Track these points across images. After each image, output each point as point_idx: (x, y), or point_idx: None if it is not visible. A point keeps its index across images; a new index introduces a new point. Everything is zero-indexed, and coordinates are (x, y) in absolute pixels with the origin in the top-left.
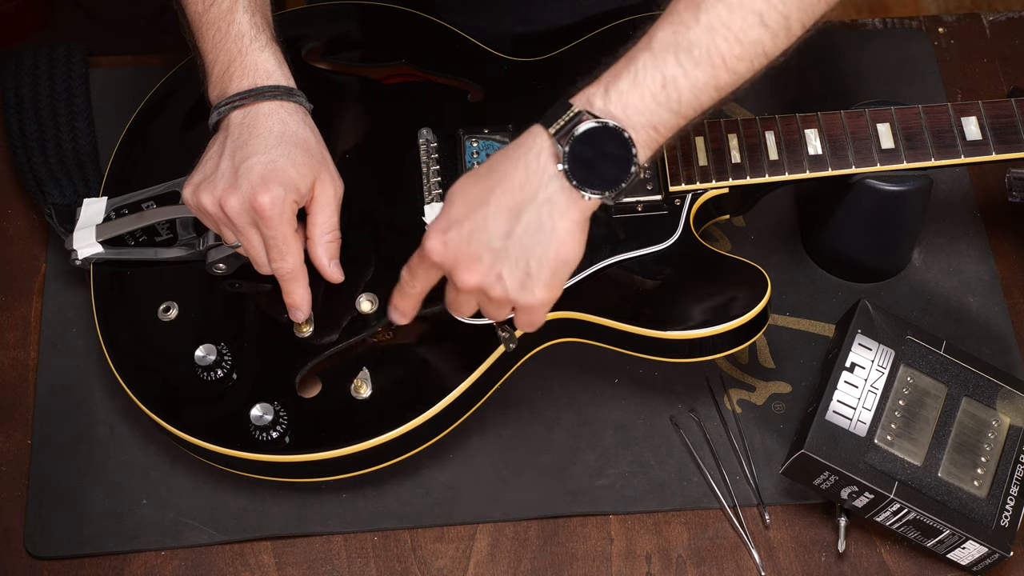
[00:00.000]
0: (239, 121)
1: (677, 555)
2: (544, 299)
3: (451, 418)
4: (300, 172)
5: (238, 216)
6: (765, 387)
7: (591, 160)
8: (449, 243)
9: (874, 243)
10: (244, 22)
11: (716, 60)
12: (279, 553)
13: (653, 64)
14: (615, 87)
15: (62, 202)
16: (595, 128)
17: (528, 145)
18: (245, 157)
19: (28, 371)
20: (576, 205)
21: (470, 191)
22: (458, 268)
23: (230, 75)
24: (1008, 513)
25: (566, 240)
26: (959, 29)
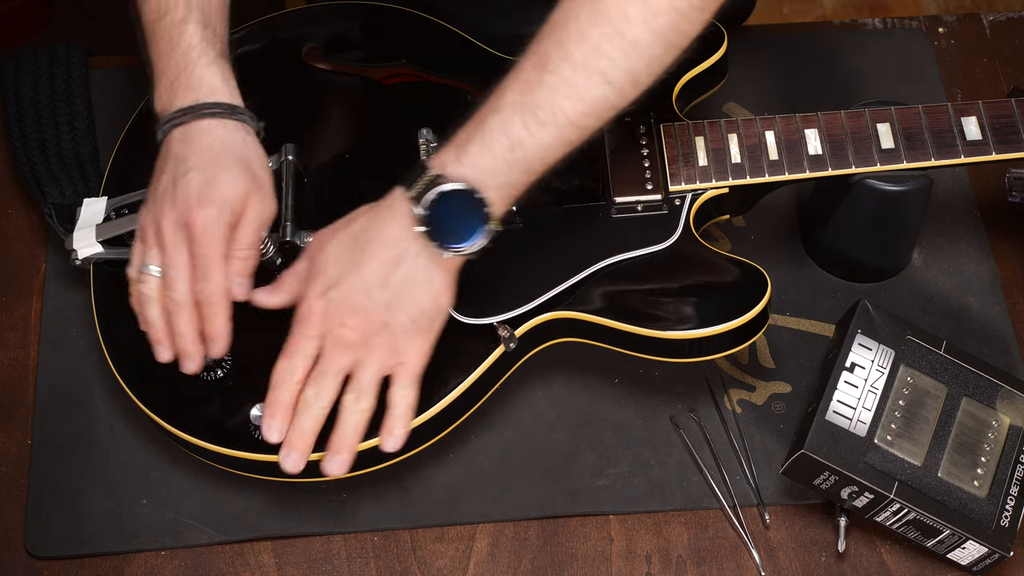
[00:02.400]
0: (179, 138)
1: (677, 555)
2: (425, 347)
3: (451, 418)
4: (235, 189)
5: (171, 233)
6: (765, 387)
7: (447, 221)
8: (331, 301)
9: (874, 243)
10: (195, 35)
11: (561, 120)
12: (279, 553)
13: (500, 127)
14: (466, 151)
15: (62, 202)
16: (449, 191)
17: (393, 207)
18: (183, 174)
19: (28, 371)
20: (440, 262)
21: (342, 254)
22: (343, 320)
23: (175, 89)
24: (1008, 513)
25: (442, 291)
26: (959, 29)
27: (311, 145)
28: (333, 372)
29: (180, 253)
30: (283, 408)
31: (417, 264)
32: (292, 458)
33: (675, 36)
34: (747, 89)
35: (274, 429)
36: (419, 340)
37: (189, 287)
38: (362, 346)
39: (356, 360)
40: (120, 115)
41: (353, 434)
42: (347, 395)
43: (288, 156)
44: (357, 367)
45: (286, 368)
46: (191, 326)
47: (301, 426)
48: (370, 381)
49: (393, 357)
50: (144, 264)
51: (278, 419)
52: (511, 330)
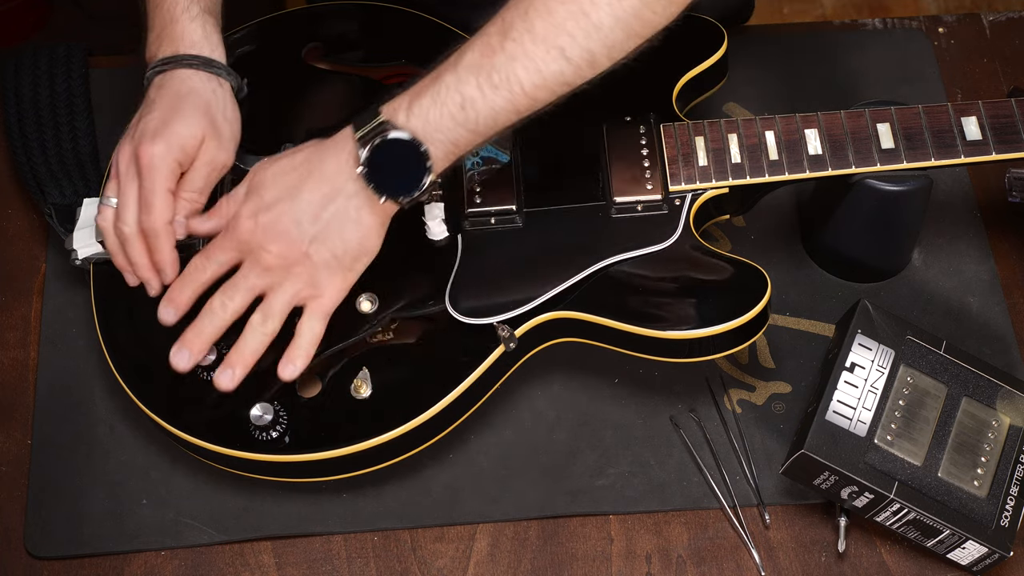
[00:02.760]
0: (157, 85)
1: (677, 555)
2: (343, 286)
3: (451, 418)
4: (189, 131)
5: (125, 166)
6: (765, 387)
7: (388, 168)
8: (260, 222)
9: (874, 243)
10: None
11: (515, 87)
12: (279, 553)
13: (455, 85)
14: (418, 103)
15: (62, 202)
16: (394, 140)
17: (340, 144)
18: (147, 114)
19: (28, 371)
20: (374, 206)
21: (281, 179)
22: (265, 244)
23: (160, 41)
24: (1008, 513)
25: (370, 233)
26: (959, 29)
27: None
28: (246, 288)
29: (131, 186)
30: (184, 298)
31: (350, 203)
32: (182, 356)
33: (638, 24)
34: (747, 89)
35: (169, 312)
36: (338, 277)
37: (137, 218)
38: (280, 272)
39: (271, 283)
40: (120, 115)
41: (251, 353)
42: (255, 314)
43: None
44: (270, 290)
45: (197, 266)
46: (142, 255)
47: (200, 328)
48: (280, 306)
49: (308, 289)
50: (106, 196)
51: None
52: (511, 330)
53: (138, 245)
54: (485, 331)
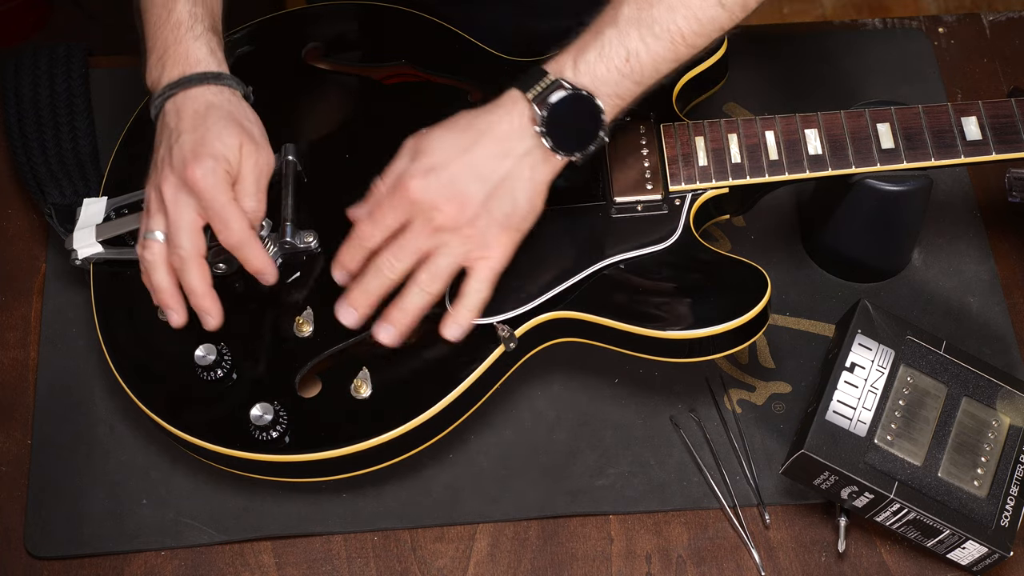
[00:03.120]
0: (171, 110)
1: (677, 555)
2: (510, 247)
3: (451, 418)
4: (226, 143)
5: (172, 195)
6: (765, 387)
7: (564, 125)
8: (434, 182)
9: (874, 243)
10: (183, 11)
11: (676, 36)
12: (279, 553)
13: (618, 39)
14: (583, 58)
15: (62, 202)
16: (569, 96)
17: (508, 107)
18: (176, 140)
19: (28, 371)
20: (549, 163)
21: (450, 141)
22: (439, 204)
23: (163, 63)
24: (1008, 513)
25: (541, 192)
26: (959, 29)
27: (311, 145)
28: (414, 249)
29: (185, 211)
30: (354, 264)
31: (524, 162)
32: (349, 313)
33: None
34: (747, 89)
35: (343, 274)
36: (507, 237)
37: (194, 242)
38: (451, 233)
39: (441, 243)
40: (120, 115)
41: (414, 310)
42: (422, 273)
43: (288, 156)
44: (438, 250)
45: (365, 233)
46: (201, 280)
47: (367, 285)
48: (448, 267)
49: (478, 250)
50: (149, 232)
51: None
52: (511, 330)
53: (197, 268)
54: (485, 331)
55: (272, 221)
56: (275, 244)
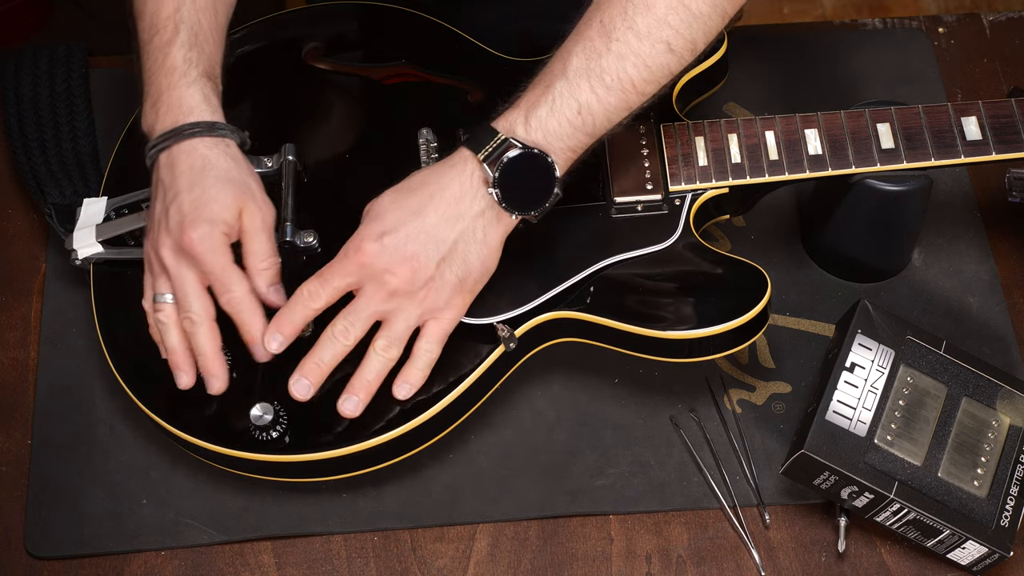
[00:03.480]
0: (164, 163)
1: (677, 555)
2: (462, 309)
3: (451, 418)
4: (223, 204)
5: (172, 259)
6: (765, 387)
7: (517, 184)
8: (386, 246)
9: (874, 243)
10: (179, 57)
11: (627, 85)
12: (279, 553)
13: (568, 92)
14: (534, 114)
15: (62, 202)
16: (521, 155)
17: (460, 167)
18: (172, 199)
19: (28, 371)
20: (503, 223)
21: (402, 205)
22: (391, 268)
23: (157, 109)
24: (1008, 513)
25: (493, 253)
26: (959, 29)
27: (311, 145)
28: (367, 315)
29: (186, 276)
30: (292, 326)
31: (477, 224)
32: (303, 384)
33: (731, 6)
34: (747, 89)
35: (276, 341)
36: (459, 299)
37: (203, 305)
38: (404, 296)
39: (394, 308)
40: (120, 115)
41: (375, 378)
42: (378, 339)
43: (288, 156)
44: (392, 315)
45: (313, 292)
46: (211, 342)
47: (320, 356)
48: (404, 331)
49: (430, 312)
50: (158, 294)
51: (284, 333)
52: (511, 330)
53: (207, 331)
54: (485, 331)
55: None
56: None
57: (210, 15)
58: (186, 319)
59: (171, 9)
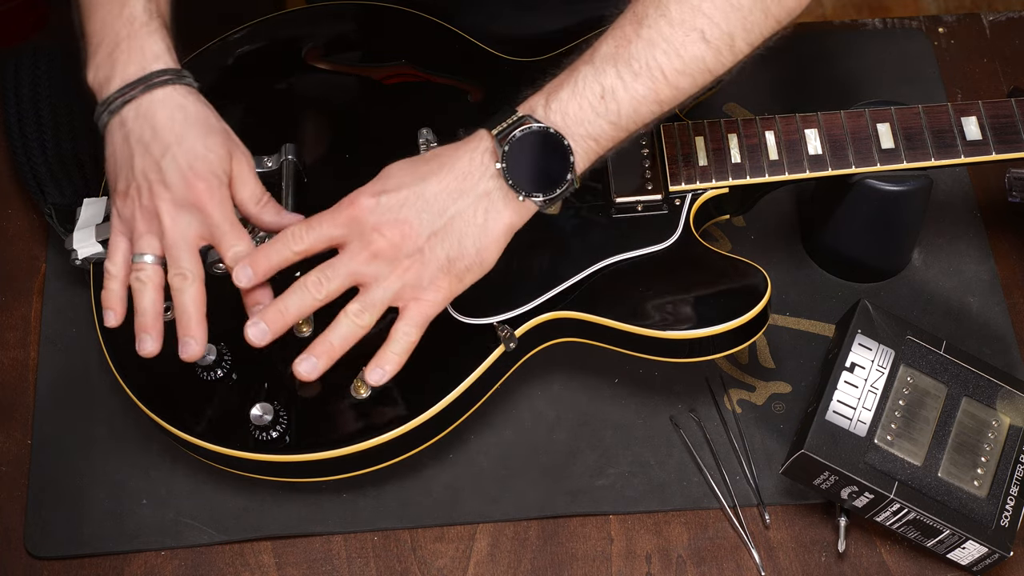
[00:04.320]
0: (135, 115)
1: (677, 555)
2: (447, 294)
3: (451, 418)
4: (219, 154)
5: (172, 214)
6: (765, 387)
7: (529, 163)
8: (381, 204)
9: (874, 243)
10: (138, 6)
11: (656, 73)
12: (279, 553)
13: (593, 75)
14: (555, 96)
15: (62, 202)
16: (535, 132)
17: (473, 144)
18: (162, 152)
19: (28, 371)
20: (511, 206)
21: (409, 169)
22: (381, 227)
23: (115, 58)
24: (1008, 513)
25: (492, 243)
26: (959, 29)
27: (311, 145)
28: (347, 272)
29: (185, 231)
30: (267, 265)
31: (479, 204)
32: (259, 330)
33: (775, 5)
34: (747, 89)
35: (245, 277)
36: (445, 282)
37: (196, 262)
38: (388, 262)
39: (375, 274)
40: None
41: (340, 343)
42: (352, 303)
43: (288, 156)
44: (372, 281)
45: (296, 234)
46: (198, 303)
47: (286, 305)
48: (380, 299)
49: (411, 289)
50: (138, 254)
51: (258, 271)
52: (511, 330)
53: (197, 290)
54: (485, 331)
55: None
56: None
57: None
58: (177, 275)
59: None
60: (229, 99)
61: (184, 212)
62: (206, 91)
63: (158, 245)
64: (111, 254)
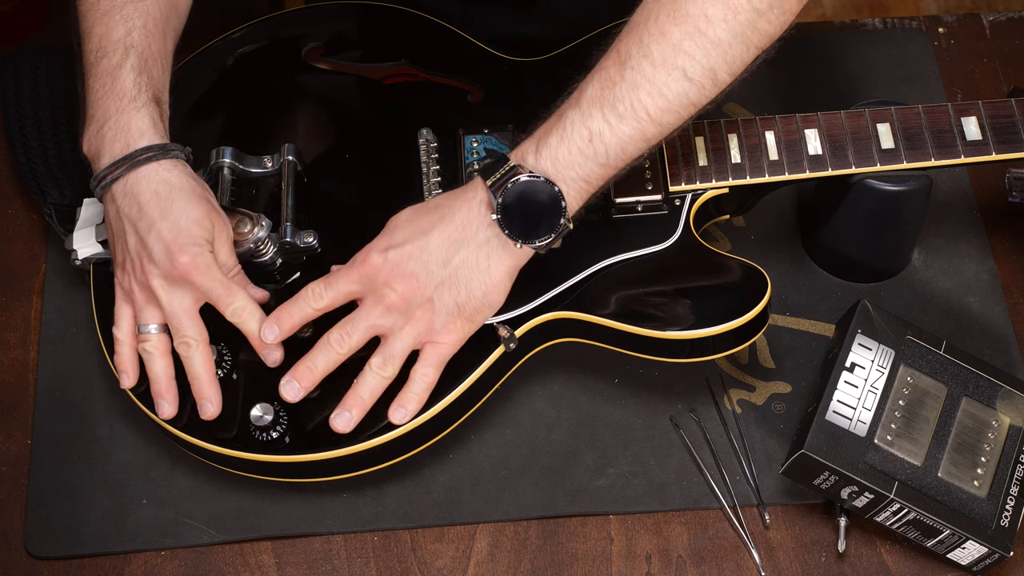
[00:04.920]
0: (122, 192)
1: (677, 555)
2: (461, 335)
3: (451, 418)
4: (201, 223)
5: (165, 288)
6: (765, 387)
7: (523, 212)
8: (389, 259)
9: (874, 243)
10: (128, 81)
11: (641, 114)
12: (279, 553)
13: (580, 120)
14: (545, 143)
15: (62, 202)
16: (527, 181)
17: (470, 194)
18: (147, 228)
19: (28, 371)
20: (509, 254)
21: (414, 221)
22: (391, 282)
23: (103, 135)
24: (1008, 513)
25: (497, 285)
26: (959, 29)
27: (311, 145)
28: (365, 327)
29: (181, 302)
30: (291, 321)
31: (480, 252)
32: (293, 387)
33: (755, 35)
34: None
35: (272, 335)
36: (457, 326)
37: (198, 328)
38: (402, 314)
39: (392, 325)
40: None
41: (369, 396)
42: (375, 357)
43: (288, 156)
44: (390, 333)
45: (317, 292)
46: (207, 366)
47: (313, 362)
48: (400, 350)
49: (428, 335)
50: (143, 325)
51: (282, 327)
52: (511, 330)
53: (203, 354)
54: (485, 331)
55: (272, 221)
56: (275, 244)
57: (159, 41)
58: (182, 344)
59: (121, 33)
60: (229, 99)
61: (176, 286)
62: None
63: (160, 315)
64: (117, 321)
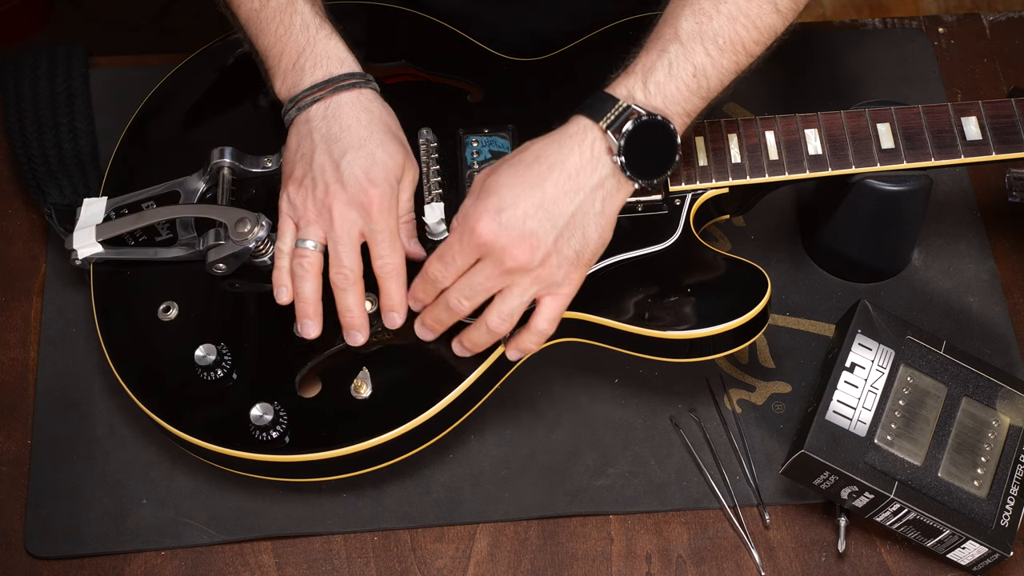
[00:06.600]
0: (322, 114)
1: (677, 555)
2: (580, 281)
3: (451, 418)
4: (396, 161)
5: (343, 212)
6: (765, 387)
7: (642, 151)
8: (504, 224)
9: (874, 243)
10: (307, 12)
11: (738, 47)
12: (279, 553)
13: (684, 55)
14: (652, 79)
15: (62, 202)
16: (645, 121)
17: (579, 137)
18: (342, 153)
19: (28, 371)
20: (622, 191)
21: (519, 177)
22: (510, 247)
23: (301, 66)
24: (1008, 513)
25: (610, 224)
26: (959, 29)
27: None
28: (483, 289)
29: (351, 231)
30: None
31: (595, 195)
32: (426, 332)
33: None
34: (747, 89)
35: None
36: (576, 273)
37: (357, 262)
38: (521, 274)
39: (512, 283)
40: (120, 115)
41: (483, 344)
42: (491, 316)
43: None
44: (507, 290)
45: (438, 274)
46: (359, 300)
47: (437, 315)
48: (518, 307)
49: (546, 288)
50: (302, 239)
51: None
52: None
53: (358, 291)
54: None
55: (272, 221)
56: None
57: None
58: (339, 274)
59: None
60: (230, 99)
61: (352, 211)
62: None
63: (323, 235)
64: (281, 235)
